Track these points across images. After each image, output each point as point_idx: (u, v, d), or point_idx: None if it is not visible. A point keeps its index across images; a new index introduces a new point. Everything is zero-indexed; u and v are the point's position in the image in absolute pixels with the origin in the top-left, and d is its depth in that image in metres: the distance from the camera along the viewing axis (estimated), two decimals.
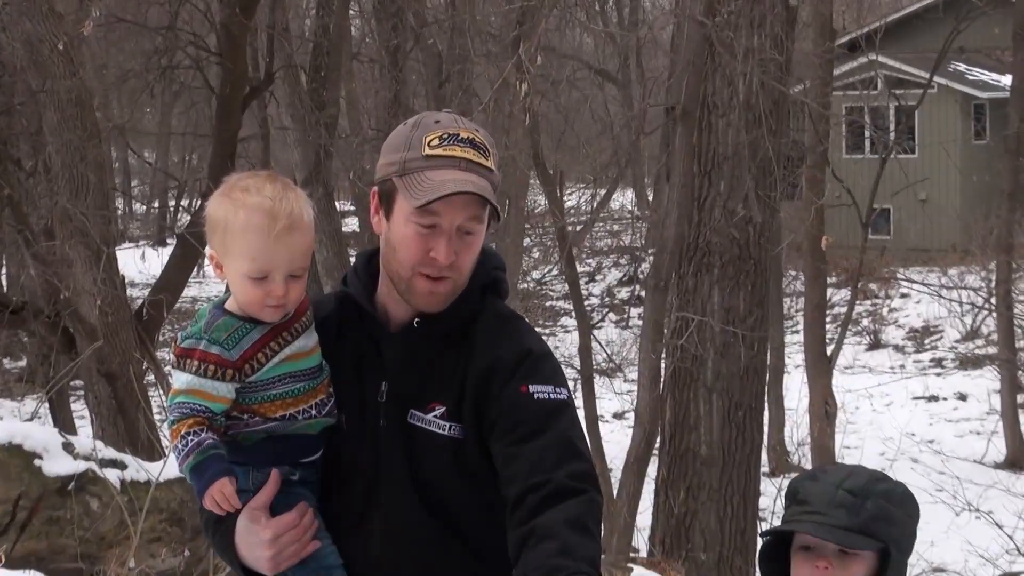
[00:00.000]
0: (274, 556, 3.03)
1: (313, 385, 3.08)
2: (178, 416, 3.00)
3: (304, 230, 3.04)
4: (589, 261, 32.88)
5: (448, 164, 3.03)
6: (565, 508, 2.87)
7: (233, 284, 3.05)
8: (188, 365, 3.00)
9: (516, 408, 2.98)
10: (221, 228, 3.03)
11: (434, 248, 3.02)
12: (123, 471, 7.38)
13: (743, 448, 11.39)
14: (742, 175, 11.16)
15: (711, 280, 11.36)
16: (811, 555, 3.18)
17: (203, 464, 2.97)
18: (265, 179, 3.06)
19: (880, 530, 3.16)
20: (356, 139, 20.59)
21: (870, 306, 29.39)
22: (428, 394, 3.09)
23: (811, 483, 3.24)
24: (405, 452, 3.08)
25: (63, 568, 6.75)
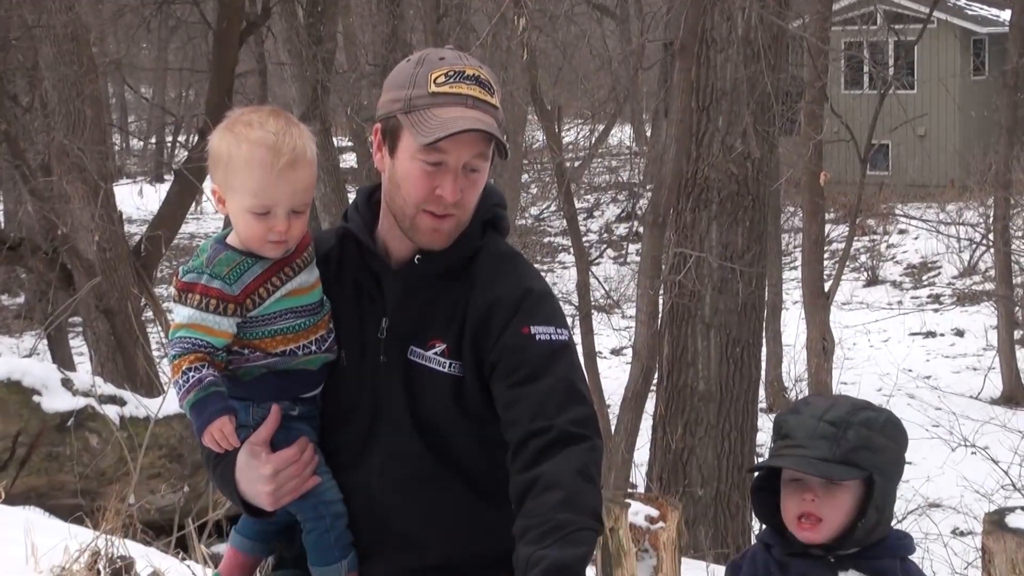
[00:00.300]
0: (274, 491, 3.04)
1: (314, 321, 3.08)
2: (179, 351, 3.00)
3: (307, 165, 3.03)
4: (587, 197, 32.83)
5: (455, 101, 3.01)
6: (567, 456, 2.88)
7: (235, 219, 3.04)
8: (190, 299, 3.00)
9: (517, 349, 2.98)
10: (224, 162, 3.02)
11: (440, 186, 3.01)
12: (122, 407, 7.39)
13: (740, 384, 11.42)
14: (740, 110, 11.13)
15: (709, 216, 11.34)
16: (797, 487, 3.20)
17: (203, 401, 2.97)
18: (268, 114, 3.05)
19: (862, 459, 3.17)
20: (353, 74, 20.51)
21: (868, 242, 29.39)
22: (429, 331, 3.09)
23: (793, 417, 3.26)
24: (405, 388, 3.08)
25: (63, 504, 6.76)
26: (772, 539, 3.28)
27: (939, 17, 28.13)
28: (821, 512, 3.18)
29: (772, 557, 3.25)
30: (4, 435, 6.88)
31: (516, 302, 3.03)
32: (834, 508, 3.18)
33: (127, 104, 38.62)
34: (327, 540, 3.10)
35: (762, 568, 3.24)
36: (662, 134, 16.17)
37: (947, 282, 27.70)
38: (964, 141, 30.83)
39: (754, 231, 11.44)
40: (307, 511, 3.10)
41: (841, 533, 3.19)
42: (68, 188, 13.14)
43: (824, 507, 3.18)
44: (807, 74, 17.99)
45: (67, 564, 5.50)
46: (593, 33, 28.83)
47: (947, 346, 24.17)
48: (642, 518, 7.01)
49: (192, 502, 7.17)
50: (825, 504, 3.17)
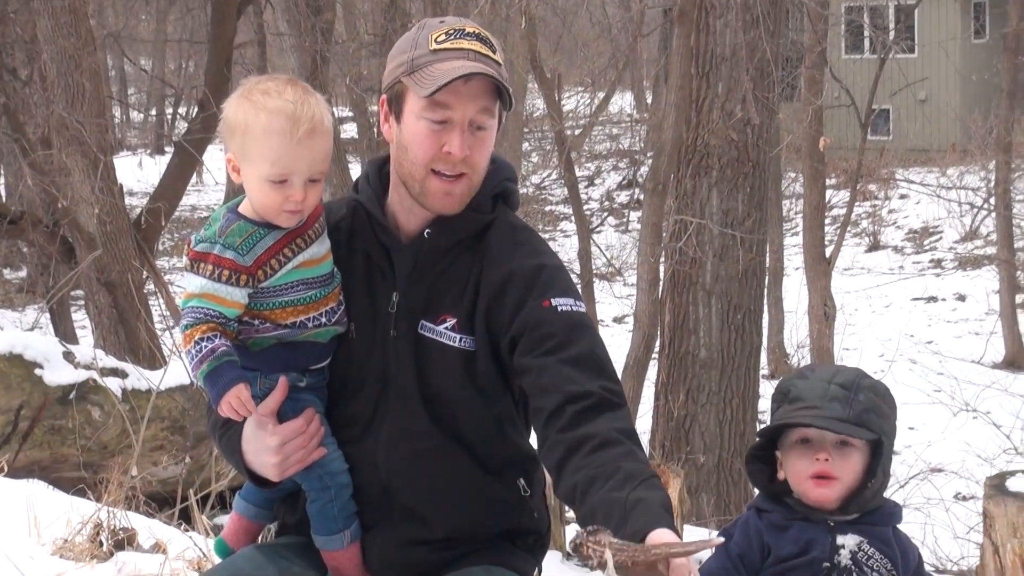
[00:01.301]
0: (281, 462, 3.05)
1: (325, 293, 3.08)
2: (191, 321, 3.00)
3: (325, 135, 3.03)
4: (588, 165, 32.79)
5: (456, 55, 3.00)
6: (611, 418, 2.88)
7: (251, 188, 3.03)
8: (202, 269, 3.00)
9: (542, 322, 2.97)
10: (241, 131, 3.01)
11: (447, 143, 3.00)
12: (124, 380, 7.39)
13: (742, 350, 11.42)
14: (740, 76, 11.09)
15: (709, 182, 11.32)
16: (810, 448, 3.26)
17: (217, 370, 2.97)
18: (286, 83, 3.04)
19: (872, 421, 3.26)
20: (352, 44, 20.47)
21: (869, 207, 29.36)
22: (439, 305, 3.09)
23: (802, 381, 3.32)
24: (415, 363, 3.08)
25: (65, 477, 6.78)
26: (768, 505, 3.32)
27: None
28: (835, 471, 3.24)
29: (766, 523, 3.28)
30: (6, 408, 6.88)
31: (532, 276, 3.03)
32: (847, 468, 3.24)
33: (126, 76, 38.53)
34: (331, 510, 3.11)
35: (755, 533, 3.28)
36: (662, 101, 16.14)
37: (948, 247, 27.69)
38: (965, 105, 30.77)
39: (754, 197, 11.42)
40: (312, 481, 3.11)
41: (851, 494, 3.25)
42: (68, 161, 13.12)
43: (837, 467, 3.24)
44: (807, 39, 17.95)
45: (70, 536, 5.52)
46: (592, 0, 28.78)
47: (949, 311, 24.17)
48: None
49: (194, 474, 7.19)
50: (838, 464, 3.24)
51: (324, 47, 18.47)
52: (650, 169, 13.31)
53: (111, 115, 24.36)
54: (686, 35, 11.36)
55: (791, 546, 3.24)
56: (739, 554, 3.26)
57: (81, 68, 13.12)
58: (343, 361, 3.12)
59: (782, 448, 3.33)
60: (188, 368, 3.07)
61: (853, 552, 3.25)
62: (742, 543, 3.27)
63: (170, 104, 37.52)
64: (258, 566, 3.08)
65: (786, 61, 15.27)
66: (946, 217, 28.10)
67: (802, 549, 3.24)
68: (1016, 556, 5.73)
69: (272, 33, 21.45)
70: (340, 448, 3.12)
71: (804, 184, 19.13)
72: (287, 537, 3.24)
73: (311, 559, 3.15)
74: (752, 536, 3.28)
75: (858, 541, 3.26)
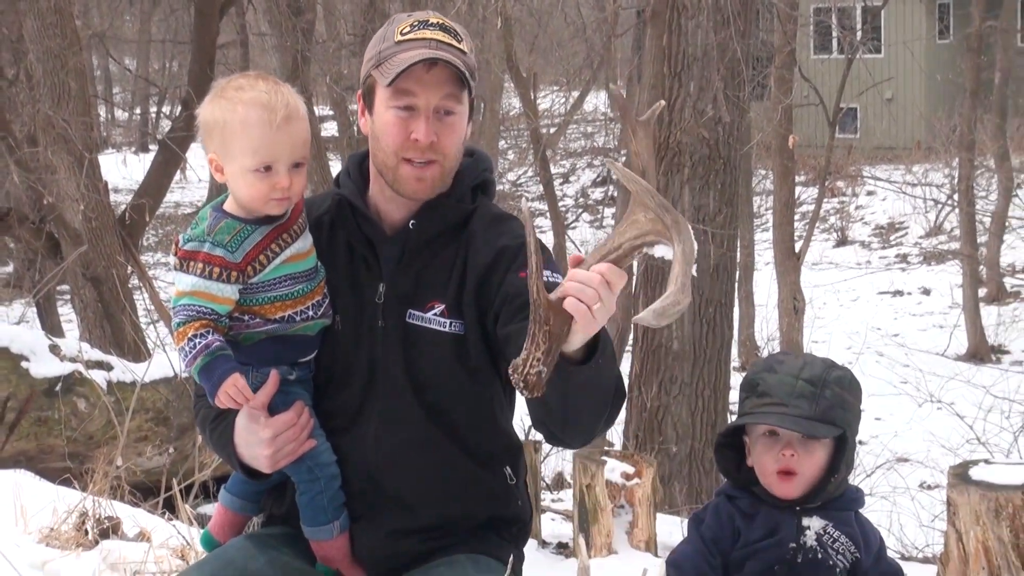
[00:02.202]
0: (273, 454, 3.05)
1: (311, 287, 3.08)
2: (184, 318, 3.00)
3: (301, 119, 3.04)
4: (563, 162, 32.78)
5: (418, 45, 3.02)
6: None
7: (236, 182, 3.03)
8: (192, 267, 3.00)
9: (520, 292, 2.95)
10: (220, 128, 3.01)
11: (414, 130, 3.01)
12: (109, 372, 7.38)
13: (714, 343, 11.42)
14: (711, 76, 11.10)
15: (681, 179, 11.33)
16: (775, 442, 3.28)
17: (212, 364, 2.98)
18: (255, 77, 3.06)
19: (838, 417, 3.28)
20: (333, 44, 20.39)
21: (837, 204, 29.42)
22: (427, 293, 3.09)
23: (770, 375, 3.33)
24: (404, 352, 3.08)
25: (51, 467, 6.75)
26: (736, 492, 3.35)
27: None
28: (799, 467, 3.26)
29: (736, 508, 3.30)
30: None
31: (515, 253, 3.04)
32: (810, 463, 3.27)
33: (111, 76, 38.35)
34: (321, 501, 3.12)
35: (726, 518, 3.31)
36: (635, 100, 16.15)
37: (914, 242, 27.76)
38: (929, 104, 30.85)
39: (725, 194, 11.43)
40: (302, 473, 3.11)
41: (814, 487, 3.28)
42: (54, 159, 13.07)
43: (801, 462, 3.26)
44: (776, 39, 17.96)
45: (56, 525, 5.50)
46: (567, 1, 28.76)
47: (914, 304, 24.24)
48: (618, 475, 7.02)
49: (178, 464, 7.18)
50: (802, 459, 3.26)
51: (305, 47, 18.42)
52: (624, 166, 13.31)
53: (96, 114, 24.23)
54: (658, 36, 11.38)
55: (759, 530, 3.28)
56: (711, 538, 3.29)
57: (67, 67, 13.07)
58: (329, 353, 3.12)
59: (750, 436, 3.36)
60: (182, 364, 3.06)
61: (818, 534, 3.28)
62: (714, 527, 3.30)
63: (154, 103, 37.37)
64: (249, 556, 3.09)
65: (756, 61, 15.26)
66: (911, 213, 28.17)
67: (770, 532, 3.27)
68: (979, 543, 5.75)
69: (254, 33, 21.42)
70: (328, 439, 3.12)
71: (774, 181, 19.13)
72: (274, 527, 3.24)
73: (300, 549, 3.15)
74: (724, 521, 3.31)
75: (823, 524, 3.29)
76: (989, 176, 25.29)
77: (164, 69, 35.48)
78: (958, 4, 30.88)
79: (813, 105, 17.56)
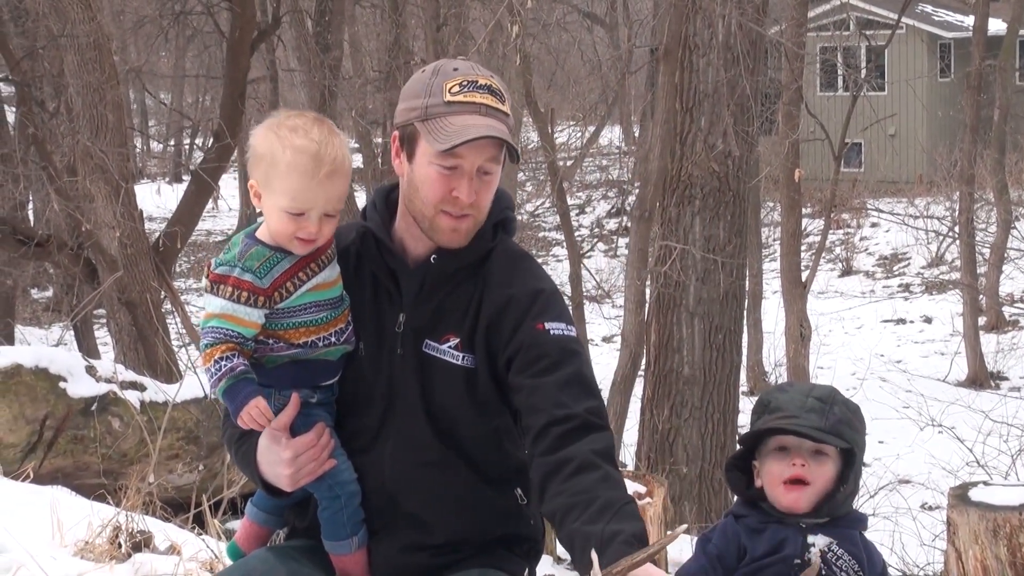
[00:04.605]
0: (293, 473, 3.05)
1: (335, 315, 3.08)
2: (211, 341, 3.00)
3: (345, 175, 3.02)
4: (579, 194, 32.81)
5: (469, 109, 3.01)
6: (592, 440, 2.90)
7: (269, 214, 3.03)
8: (222, 291, 2.99)
9: (535, 343, 2.99)
10: (266, 162, 3.00)
11: (456, 188, 3.02)
12: (142, 392, 7.38)
13: (723, 368, 11.41)
14: (721, 112, 11.12)
15: (692, 211, 11.34)
16: (787, 455, 3.28)
17: (236, 387, 2.98)
18: (313, 121, 3.03)
19: (845, 432, 3.29)
20: (359, 80, 20.48)
21: (842, 235, 29.38)
22: (443, 326, 3.09)
23: (782, 394, 3.36)
24: (419, 379, 3.09)
25: (87, 483, 6.75)
26: (745, 510, 3.34)
27: (908, 23, 28.15)
28: (810, 476, 3.26)
29: (743, 526, 3.29)
30: (32, 419, 6.87)
31: (529, 300, 3.05)
32: (820, 474, 3.27)
33: (147, 109, 38.53)
34: (341, 518, 3.12)
35: (732, 536, 3.29)
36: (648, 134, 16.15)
37: (916, 272, 27.70)
38: (931, 139, 30.82)
39: (735, 225, 11.43)
40: (323, 491, 3.11)
41: (822, 499, 3.27)
42: (92, 188, 13.11)
43: (812, 472, 3.26)
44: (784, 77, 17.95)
45: (90, 539, 5.50)
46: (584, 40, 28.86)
47: (916, 332, 24.17)
48: None
49: (208, 481, 7.17)
50: (812, 470, 3.26)
51: (332, 82, 18.50)
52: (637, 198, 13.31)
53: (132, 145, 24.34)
54: (671, 73, 11.38)
55: (764, 546, 3.26)
56: (717, 555, 3.27)
57: (105, 101, 13.12)
58: (352, 377, 3.13)
59: (760, 455, 3.35)
60: (208, 384, 3.06)
61: (823, 551, 3.26)
62: (720, 545, 3.29)
63: (187, 135, 37.55)
64: (270, 567, 3.09)
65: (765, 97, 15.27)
66: (914, 244, 28.12)
67: (775, 548, 3.25)
68: (978, 562, 5.73)
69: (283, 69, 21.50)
70: (349, 458, 3.12)
71: (781, 212, 19.11)
72: (297, 540, 3.24)
73: (320, 561, 3.16)
74: (730, 538, 3.29)
75: (828, 542, 3.27)
76: (988, 209, 25.23)
77: (197, 103, 35.60)
78: (959, 44, 30.87)
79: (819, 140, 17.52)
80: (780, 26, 16.93)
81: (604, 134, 32.99)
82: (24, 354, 7.17)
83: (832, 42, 28.29)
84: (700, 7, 11.12)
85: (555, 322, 3.04)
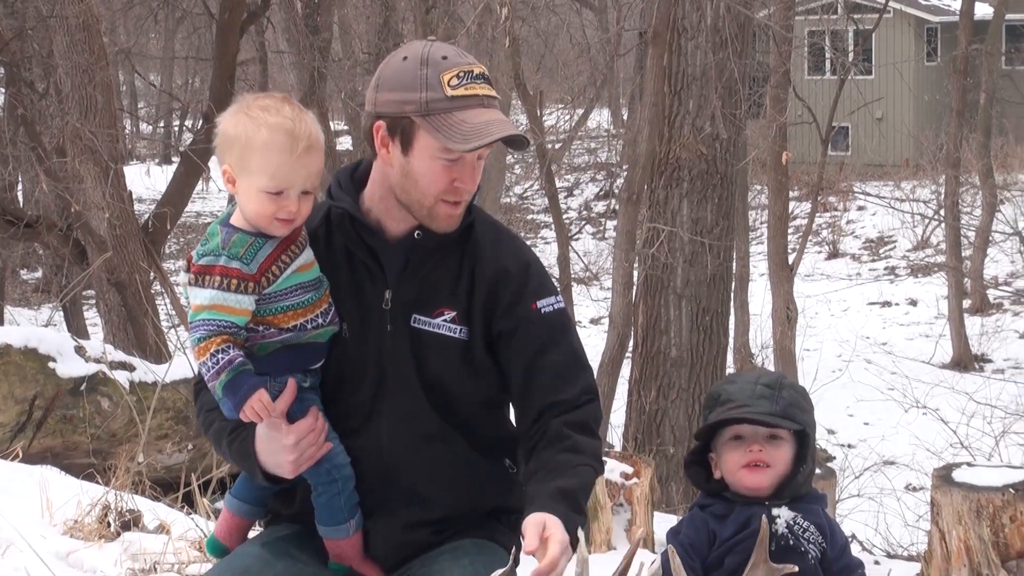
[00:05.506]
0: (296, 459, 3.05)
1: (318, 296, 3.07)
2: (204, 334, 2.97)
3: (320, 151, 3.03)
4: (567, 177, 32.79)
5: (472, 103, 3.01)
6: (576, 415, 3.04)
7: (247, 198, 3.01)
8: (209, 281, 2.97)
9: (530, 324, 3.07)
10: (240, 144, 2.99)
11: (459, 178, 3.04)
12: (132, 373, 7.37)
13: (710, 350, 11.44)
14: (709, 95, 11.12)
15: (680, 193, 11.34)
16: (743, 443, 3.36)
17: (236, 380, 2.96)
18: (282, 100, 3.03)
19: (796, 415, 3.37)
20: (349, 62, 20.43)
21: (829, 218, 29.43)
22: (434, 300, 3.11)
23: (730, 385, 3.45)
24: (412, 354, 3.10)
25: (76, 463, 6.76)
26: (708, 500, 3.42)
27: (895, 7, 28.15)
28: (768, 459, 3.34)
29: (709, 514, 3.38)
30: (21, 399, 6.87)
31: (521, 276, 3.10)
32: (778, 457, 3.35)
33: (136, 90, 38.41)
34: (338, 502, 3.11)
35: (701, 525, 3.37)
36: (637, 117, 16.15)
37: (901, 255, 27.77)
38: (918, 123, 30.88)
39: (722, 207, 11.44)
40: (321, 476, 3.10)
41: (783, 482, 3.35)
42: (81, 169, 13.10)
43: (769, 456, 3.35)
44: (772, 60, 17.95)
45: (80, 517, 5.52)
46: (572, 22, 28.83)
47: (901, 315, 24.24)
48: (617, 475, 7.03)
49: (197, 460, 7.17)
50: (769, 454, 3.34)
51: (322, 64, 18.45)
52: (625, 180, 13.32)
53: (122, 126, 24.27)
54: (659, 56, 11.38)
55: (732, 527, 3.33)
56: (689, 544, 3.34)
57: (94, 82, 13.10)
58: (337, 358, 3.12)
59: (716, 447, 3.42)
60: (205, 377, 3.03)
61: (789, 524, 3.33)
62: (690, 534, 3.36)
63: (177, 117, 37.44)
64: (265, 563, 3.10)
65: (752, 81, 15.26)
66: (900, 228, 28.17)
67: (743, 526, 3.32)
68: (961, 541, 5.76)
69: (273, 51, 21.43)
70: (341, 441, 3.11)
71: (768, 195, 19.11)
72: (284, 527, 3.23)
73: (312, 548, 3.16)
74: (699, 526, 3.37)
75: (793, 515, 3.35)
76: (974, 193, 25.30)
77: (187, 84, 35.52)
78: (945, 28, 30.89)
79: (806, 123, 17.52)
80: (768, 9, 16.91)
81: (592, 117, 32.93)
82: (13, 334, 7.17)
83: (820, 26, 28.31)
84: None
85: (546, 298, 3.11)
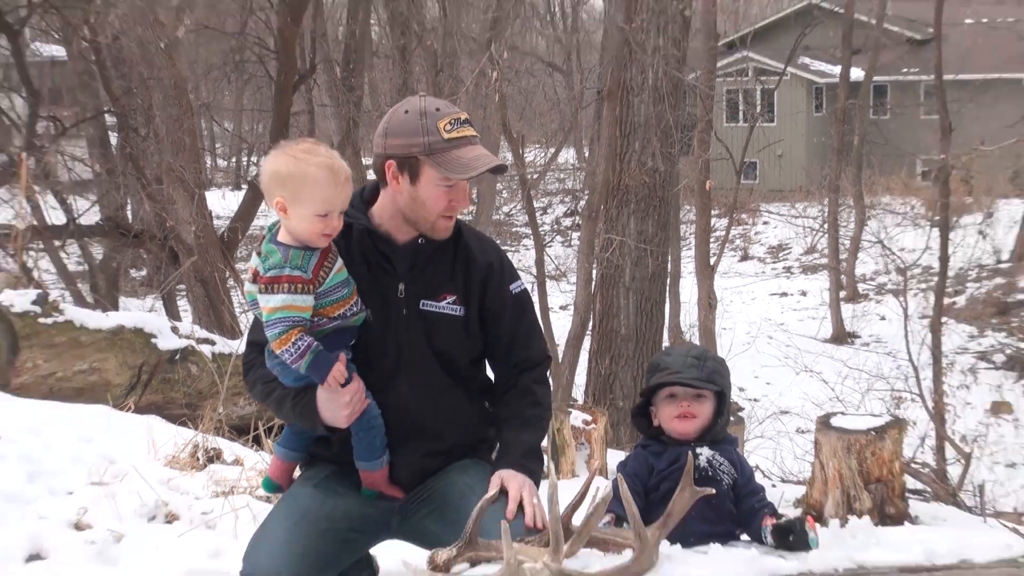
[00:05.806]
0: (350, 413, 3.07)
1: (350, 291, 3.08)
2: (283, 328, 2.95)
3: (351, 180, 3.02)
4: (543, 199, 32.76)
5: (464, 143, 3.03)
6: (537, 372, 3.17)
7: (299, 220, 2.97)
8: (279, 288, 2.95)
9: (505, 303, 3.16)
10: (292, 180, 2.94)
11: (455, 199, 3.08)
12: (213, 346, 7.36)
13: (650, 329, 11.45)
14: (651, 138, 11.15)
15: (628, 211, 11.36)
16: (674, 400, 3.40)
17: (317, 359, 2.98)
18: (315, 144, 3.01)
19: (717, 379, 3.40)
20: (376, 113, 20.41)
21: (741, 230, 29.46)
22: (438, 288, 3.14)
23: (667, 356, 3.48)
24: (423, 331, 3.14)
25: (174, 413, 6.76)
26: (649, 442, 3.45)
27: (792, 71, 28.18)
28: (695, 412, 3.37)
29: (649, 452, 3.42)
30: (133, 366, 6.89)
31: (499, 267, 3.18)
32: (702, 410, 3.39)
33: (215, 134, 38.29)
34: (375, 443, 3.14)
35: (643, 460, 3.40)
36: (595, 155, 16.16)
37: (795, 258, 27.82)
38: (809, 159, 30.93)
39: (661, 222, 11.46)
40: (362, 424, 3.12)
41: (705, 429, 3.38)
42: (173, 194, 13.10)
43: (695, 409, 3.38)
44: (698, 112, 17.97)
45: (176, 453, 5.54)
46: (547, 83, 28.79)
47: (795, 302, 24.30)
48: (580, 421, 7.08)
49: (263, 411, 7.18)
50: (696, 408, 3.38)
51: (355, 115, 18.45)
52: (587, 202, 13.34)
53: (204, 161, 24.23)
54: (612, 108, 11.41)
55: (666, 462, 3.37)
56: (633, 473, 3.37)
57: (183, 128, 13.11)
58: (366, 337, 3.13)
59: (656, 403, 3.46)
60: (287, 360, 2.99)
61: (708, 459, 3.37)
62: (634, 466, 3.40)
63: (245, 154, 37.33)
64: (320, 502, 3.13)
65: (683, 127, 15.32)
66: (794, 237, 28.23)
67: (674, 461, 3.35)
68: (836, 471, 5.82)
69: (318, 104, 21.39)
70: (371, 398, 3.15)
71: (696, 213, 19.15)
72: (323, 467, 3.23)
73: (350, 482, 3.18)
74: (641, 461, 3.40)
75: (711, 453, 3.38)
76: (848, 211, 25.38)
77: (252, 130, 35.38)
78: (829, 87, 30.95)
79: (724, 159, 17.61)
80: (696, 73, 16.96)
81: (562, 154, 32.91)
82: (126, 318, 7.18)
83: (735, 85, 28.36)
84: (635, 58, 11.14)
85: (515, 282, 3.21)
